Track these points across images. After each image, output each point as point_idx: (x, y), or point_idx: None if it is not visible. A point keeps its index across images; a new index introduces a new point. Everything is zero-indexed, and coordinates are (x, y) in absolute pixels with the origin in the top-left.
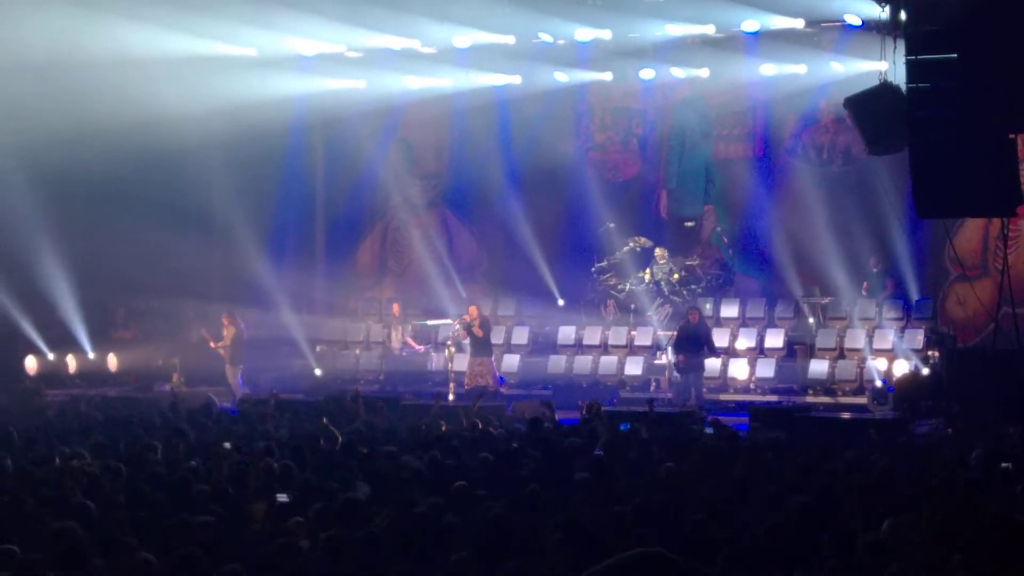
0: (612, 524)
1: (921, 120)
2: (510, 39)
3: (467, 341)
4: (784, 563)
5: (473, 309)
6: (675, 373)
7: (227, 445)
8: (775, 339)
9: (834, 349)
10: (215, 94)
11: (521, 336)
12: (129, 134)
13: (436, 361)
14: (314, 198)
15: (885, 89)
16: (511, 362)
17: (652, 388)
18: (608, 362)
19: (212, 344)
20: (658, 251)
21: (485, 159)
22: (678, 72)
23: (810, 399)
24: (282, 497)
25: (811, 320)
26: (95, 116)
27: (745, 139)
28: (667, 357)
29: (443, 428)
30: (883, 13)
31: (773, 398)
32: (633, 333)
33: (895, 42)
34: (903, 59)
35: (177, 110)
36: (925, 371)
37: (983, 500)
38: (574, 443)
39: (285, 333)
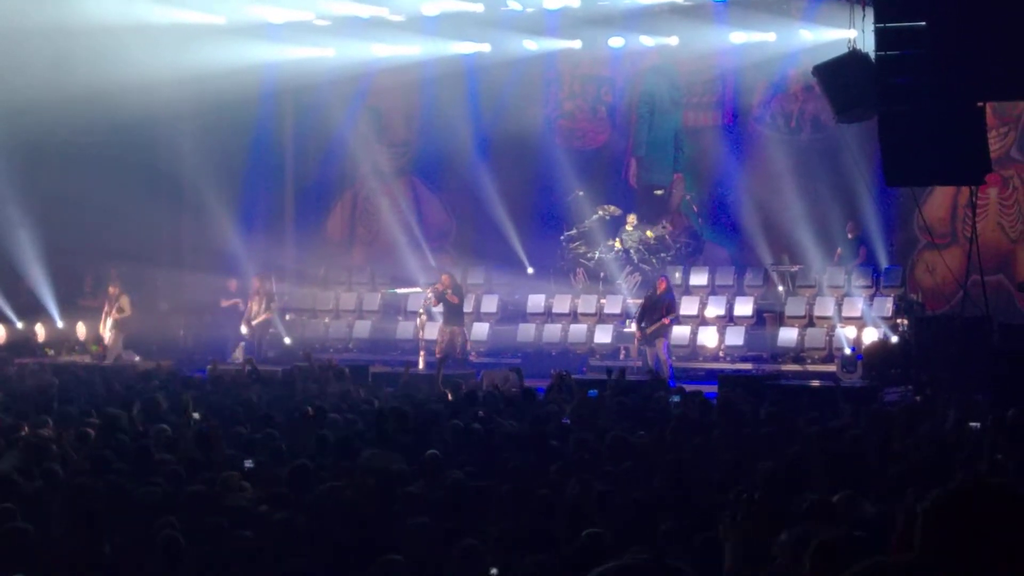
0: (574, 491)
1: (890, 88)
2: (479, 7)
3: (438, 309)
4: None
5: (446, 277)
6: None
7: (195, 415)
8: (744, 307)
9: (803, 317)
10: (185, 62)
11: (491, 304)
12: (99, 101)
13: (405, 330)
14: (283, 166)
15: (854, 57)
16: (481, 330)
17: (622, 356)
18: (578, 330)
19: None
20: (629, 218)
21: (454, 127)
22: (647, 40)
23: (779, 367)
24: (248, 463)
25: (780, 288)
26: (65, 83)
27: (714, 107)
28: (634, 325)
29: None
30: None
31: (743, 366)
32: (603, 301)
33: (864, 9)
34: (872, 27)
35: (147, 78)
36: (894, 339)
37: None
38: (550, 410)
39: None
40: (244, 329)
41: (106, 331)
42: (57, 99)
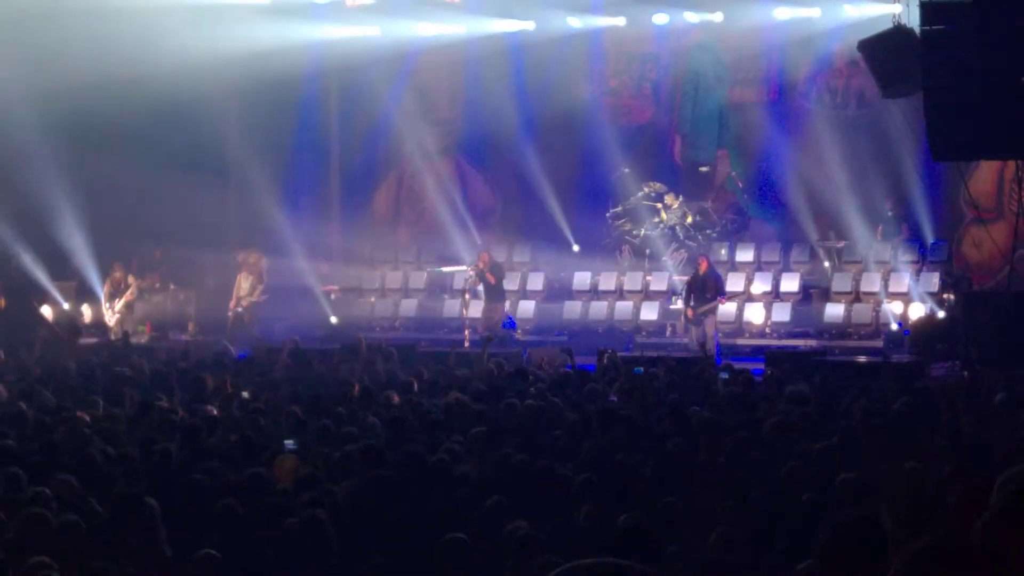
0: (630, 471)
1: (935, 63)
2: None
3: (481, 287)
4: (803, 509)
5: (484, 255)
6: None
7: (245, 394)
8: (790, 283)
9: (850, 293)
10: (229, 42)
11: (536, 282)
12: (144, 82)
13: (451, 308)
14: (329, 146)
15: (899, 32)
16: (527, 308)
17: (668, 333)
18: (623, 308)
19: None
20: (668, 197)
21: (499, 106)
22: (691, 16)
23: (826, 343)
24: (289, 443)
25: (826, 264)
26: (111, 64)
27: (759, 83)
28: (681, 303)
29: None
30: None
31: (789, 342)
32: (648, 278)
33: None
34: (917, 1)
35: (191, 59)
36: (940, 314)
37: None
38: (594, 388)
39: (300, 281)
40: (231, 312)
41: (113, 315)
42: (101, 81)
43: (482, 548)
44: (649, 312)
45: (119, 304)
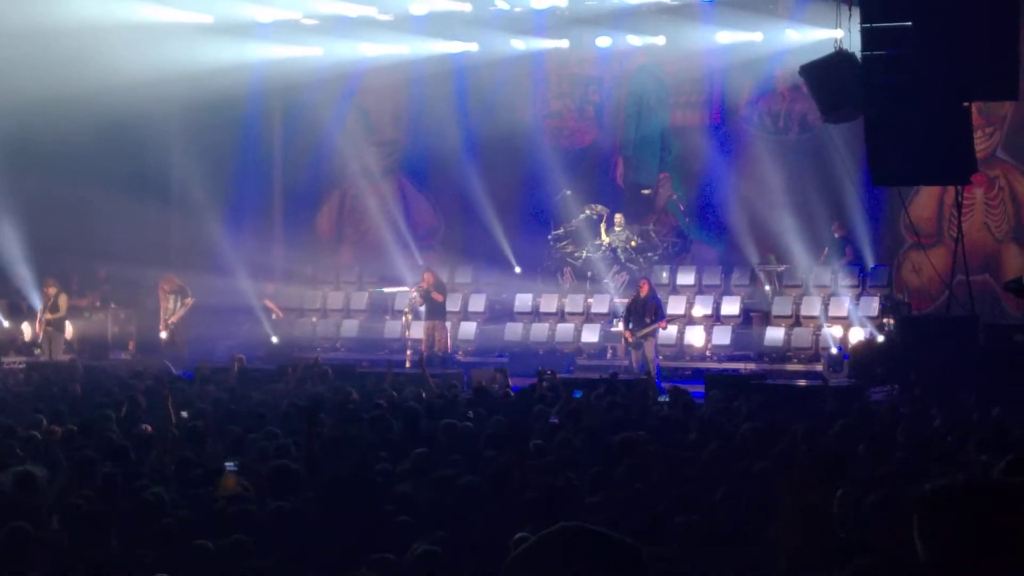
0: (565, 492)
1: (876, 88)
2: (467, 6)
3: (423, 307)
4: (741, 529)
5: (428, 275)
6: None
7: (184, 414)
8: (731, 306)
9: (790, 316)
10: (173, 61)
11: (478, 303)
12: (87, 101)
13: (393, 329)
14: (272, 165)
15: (840, 57)
16: (468, 329)
17: (608, 356)
18: (565, 329)
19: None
20: (617, 217)
21: (442, 126)
22: (634, 40)
23: (766, 366)
24: (230, 465)
25: (767, 288)
26: (52, 83)
27: (701, 106)
28: (621, 325)
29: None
30: None
31: (729, 365)
32: (590, 300)
33: (850, 9)
34: (858, 27)
35: (134, 77)
36: (880, 338)
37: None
38: (541, 410)
39: (242, 300)
40: (163, 333)
41: (41, 331)
42: (44, 100)
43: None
44: (590, 334)
45: (43, 319)
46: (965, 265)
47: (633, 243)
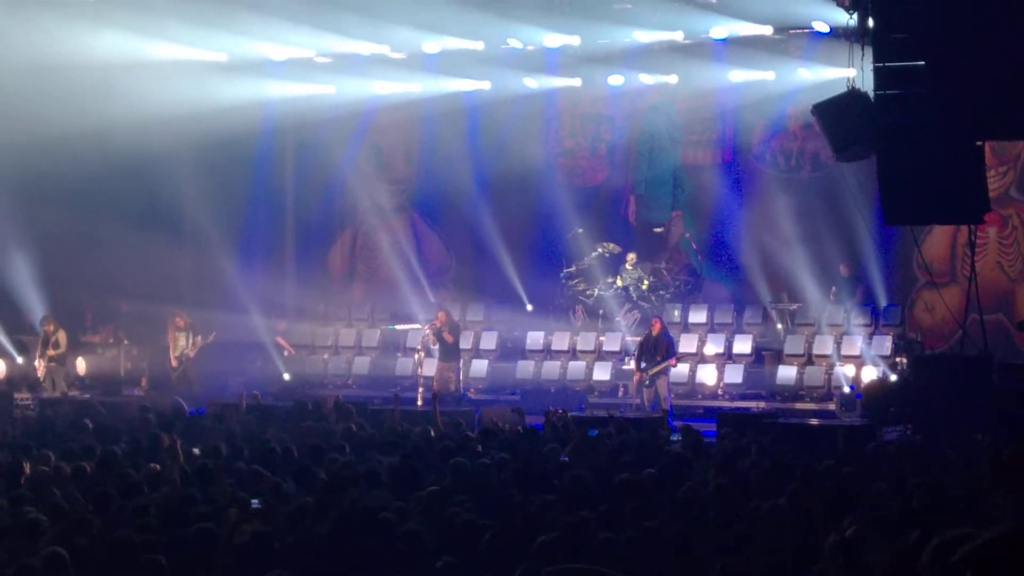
0: (576, 530)
1: (889, 127)
2: (479, 45)
3: (436, 346)
4: (754, 566)
5: (442, 314)
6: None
7: (195, 450)
8: (743, 345)
9: (802, 355)
10: (186, 99)
11: (490, 341)
12: (100, 138)
13: (404, 366)
14: (284, 202)
15: (853, 96)
16: (479, 367)
17: (620, 394)
18: (576, 367)
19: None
20: (629, 256)
21: (454, 164)
22: (647, 78)
23: (778, 405)
24: (255, 502)
25: (779, 326)
26: (66, 120)
27: (713, 145)
28: (633, 363)
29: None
30: (851, 20)
31: (742, 404)
32: (601, 339)
33: (863, 49)
34: (871, 66)
35: (148, 114)
36: (893, 377)
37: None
38: (554, 448)
39: (254, 337)
40: (173, 371)
41: (42, 368)
42: (58, 136)
43: None
44: (602, 372)
45: (45, 357)
46: (979, 304)
47: (645, 283)
